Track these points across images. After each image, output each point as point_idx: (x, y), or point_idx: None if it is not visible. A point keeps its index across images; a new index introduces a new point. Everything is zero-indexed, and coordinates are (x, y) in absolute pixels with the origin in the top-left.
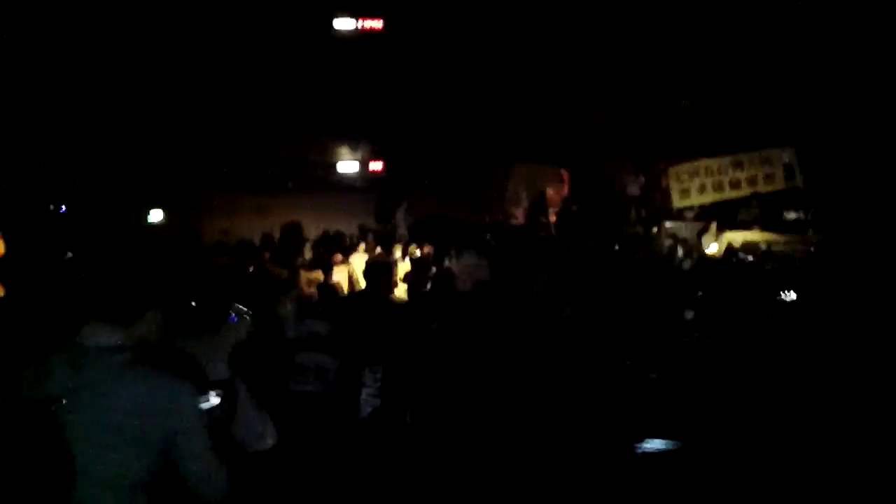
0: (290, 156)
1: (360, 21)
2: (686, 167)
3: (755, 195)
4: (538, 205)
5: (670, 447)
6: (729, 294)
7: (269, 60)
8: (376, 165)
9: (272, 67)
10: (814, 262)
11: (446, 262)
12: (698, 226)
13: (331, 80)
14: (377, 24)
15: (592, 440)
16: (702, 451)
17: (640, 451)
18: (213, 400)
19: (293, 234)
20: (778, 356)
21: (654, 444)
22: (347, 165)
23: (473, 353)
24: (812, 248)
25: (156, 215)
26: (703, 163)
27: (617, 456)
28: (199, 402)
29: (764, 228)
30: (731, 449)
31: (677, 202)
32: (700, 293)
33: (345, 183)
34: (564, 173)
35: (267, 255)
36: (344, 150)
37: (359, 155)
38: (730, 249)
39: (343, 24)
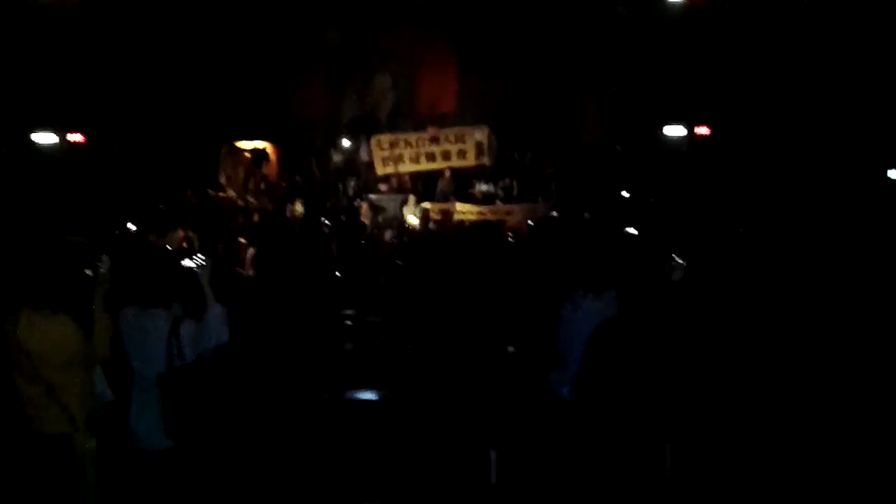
0: None
1: None
2: (387, 137)
3: (450, 169)
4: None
5: (377, 397)
6: (425, 263)
7: None
8: (76, 137)
9: None
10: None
11: None
12: (400, 198)
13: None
14: None
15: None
16: (404, 403)
17: (348, 398)
18: None
19: None
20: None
21: (361, 394)
22: (43, 136)
23: None
24: (496, 217)
25: None
26: (403, 135)
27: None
28: None
29: (458, 200)
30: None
31: (380, 170)
32: (399, 262)
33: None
34: (273, 150)
35: None
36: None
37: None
38: (426, 217)
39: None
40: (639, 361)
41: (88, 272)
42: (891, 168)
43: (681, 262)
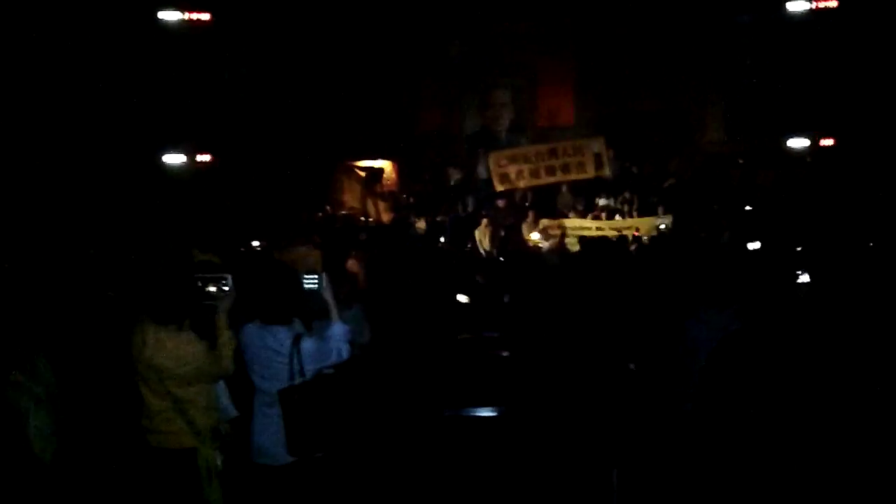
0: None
1: (187, 14)
2: (505, 153)
3: (568, 183)
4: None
5: (496, 414)
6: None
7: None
8: (204, 157)
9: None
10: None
11: None
12: (519, 214)
13: (155, 72)
14: (204, 16)
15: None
16: (524, 421)
17: (468, 415)
18: None
19: None
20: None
21: (481, 411)
22: (173, 157)
23: None
24: (620, 233)
25: None
26: (521, 150)
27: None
28: None
29: (578, 215)
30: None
31: (499, 186)
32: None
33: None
34: (392, 167)
35: None
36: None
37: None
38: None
39: (168, 15)
40: (761, 375)
41: (213, 289)
42: None
43: (806, 275)
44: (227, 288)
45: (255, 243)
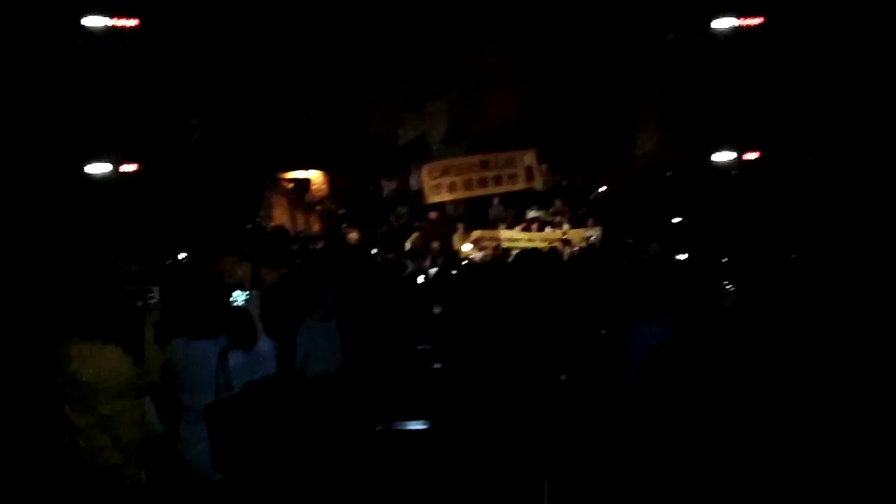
0: None
1: (115, 19)
2: (438, 164)
3: (499, 195)
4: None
5: (428, 427)
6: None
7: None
8: (131, 167)
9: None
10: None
11: None
12: (450, 226)
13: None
14: (132, 22)
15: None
16: (456, 433)
17: (399, 428)
18: None
19: None
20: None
21: (412, 424)
22: (99, 166)
23: None
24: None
25: None
26: (454, 161)
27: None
28: None
29: (508, 227)
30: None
31: (431, 197)
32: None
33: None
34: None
35: None
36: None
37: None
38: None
39: (94, 21)
40: (691, 387)
41: (139, 302)
42: None
43: (732, 287)
44: (153, 301)
45: (182, 255)
